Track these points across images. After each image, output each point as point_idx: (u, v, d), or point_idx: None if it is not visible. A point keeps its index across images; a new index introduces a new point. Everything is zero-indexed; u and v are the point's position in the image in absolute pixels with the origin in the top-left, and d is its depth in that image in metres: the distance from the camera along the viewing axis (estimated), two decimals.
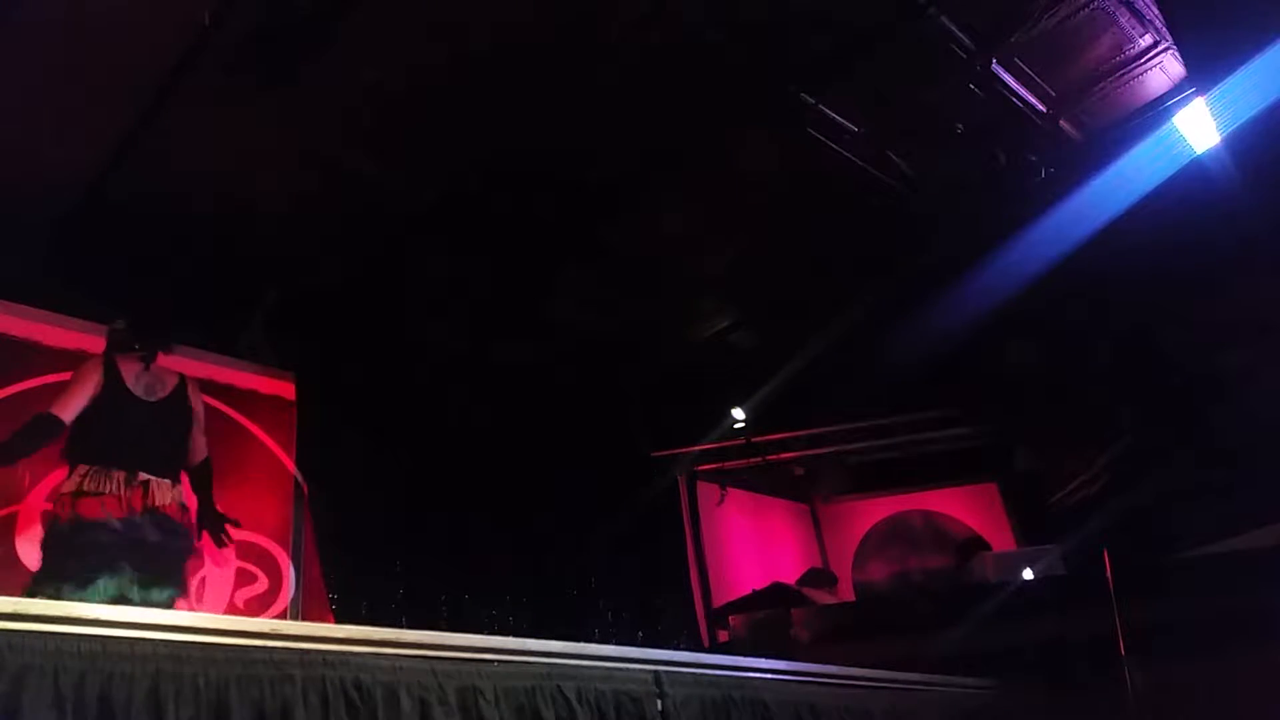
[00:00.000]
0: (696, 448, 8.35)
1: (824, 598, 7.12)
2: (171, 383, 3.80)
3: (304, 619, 5.54)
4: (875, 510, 9.12)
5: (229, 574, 5.53)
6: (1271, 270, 5.49)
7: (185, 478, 3.92)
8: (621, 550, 7.35)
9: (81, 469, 3.44)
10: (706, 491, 8.62)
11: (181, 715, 1.67)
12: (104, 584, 3.28)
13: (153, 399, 3.70)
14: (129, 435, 3.54)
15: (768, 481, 9.06)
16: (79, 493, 3.38)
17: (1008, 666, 4.46)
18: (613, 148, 5.57)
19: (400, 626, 2.16)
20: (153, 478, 3.52)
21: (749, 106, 5.39)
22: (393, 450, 6.26)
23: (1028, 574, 5.91)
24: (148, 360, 3.73)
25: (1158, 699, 4.26)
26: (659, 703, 2.54)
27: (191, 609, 3.52)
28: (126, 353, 3.74)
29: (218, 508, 4.03)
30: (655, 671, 2.61)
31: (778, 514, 9.28)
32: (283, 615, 5.57)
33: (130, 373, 3.67)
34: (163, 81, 4.61)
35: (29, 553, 4.86)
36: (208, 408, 5.70)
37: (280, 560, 5.72)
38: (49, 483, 5.00)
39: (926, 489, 8.99)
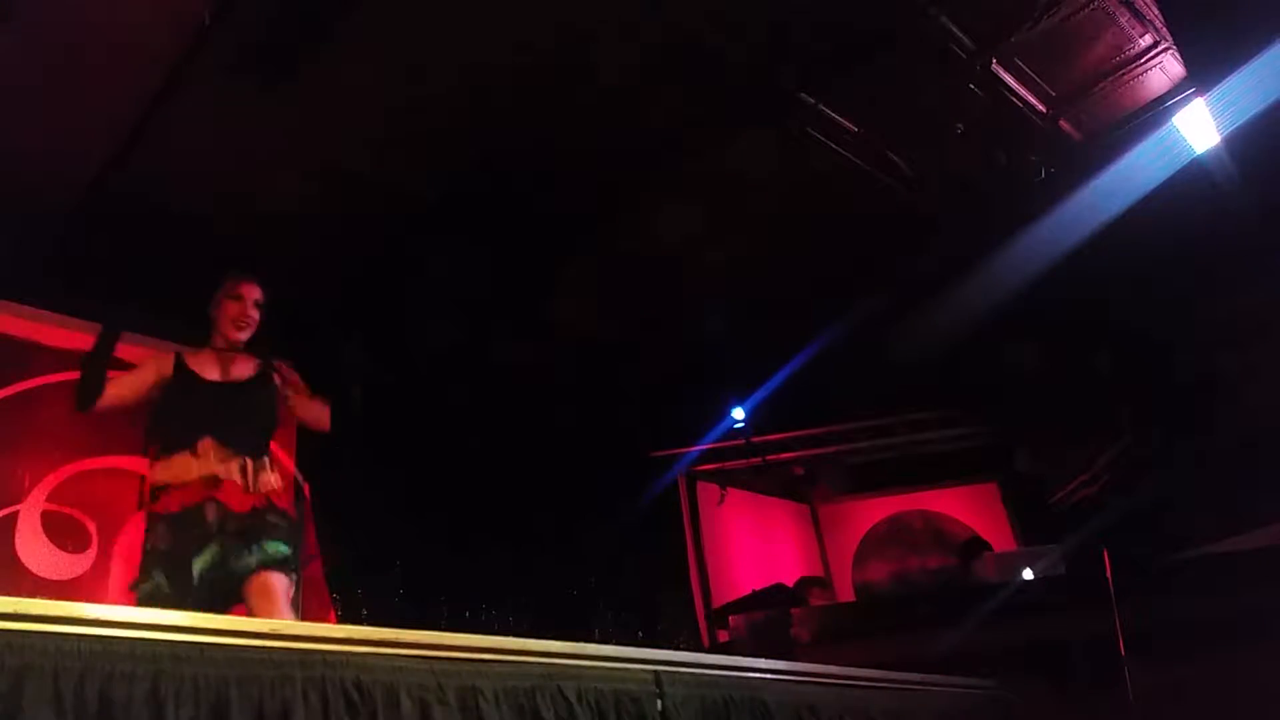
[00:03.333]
0: (696, 448, 8.35)
1: (819, 601, 7.12)
2: (255, 366, 3.74)
3: (304, 619, 5.54)
4: (875, 510, 9.12)
5: None
6: (1271, 270, 5.48)
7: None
8: (621, 550, 7.36)
9: (163, 458, 3.37)
10: (706, 491, 8.62)
11: (181, 715, 1.67)
12: (204, 559, 3.22)
13: (230, 380, 3.62)
14: (206, 415, 3.45)
15: (768, 481, 9.05)
16: (162, 486, 3.33)
17: (1008, 666, 4.46)
18: (613, 148, 5.57)
19: (400, 626, 2.16)
20: (238, 455, 3.42)
21: (749, 106, 5.39)
22: (393, 450, 6.26)
23: (1028, 574, 5.91)
24: (221, 349, 3.64)
25: (1158, 699, 4.26)
26: (659, 703, 2.54)
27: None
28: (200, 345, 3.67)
29: None
30: (655, 671, 2.61)
31: (778, 514, 9.28)
32: None
33: (203, 360, 3.61)
34: (163, 81, 4.61)
35: (29, 553, 4.87)
36: None
37: None
38: (49, 483, 5.01)
39: (926, 489, 8.98)
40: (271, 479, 3.49)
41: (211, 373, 3.59)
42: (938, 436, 8.56)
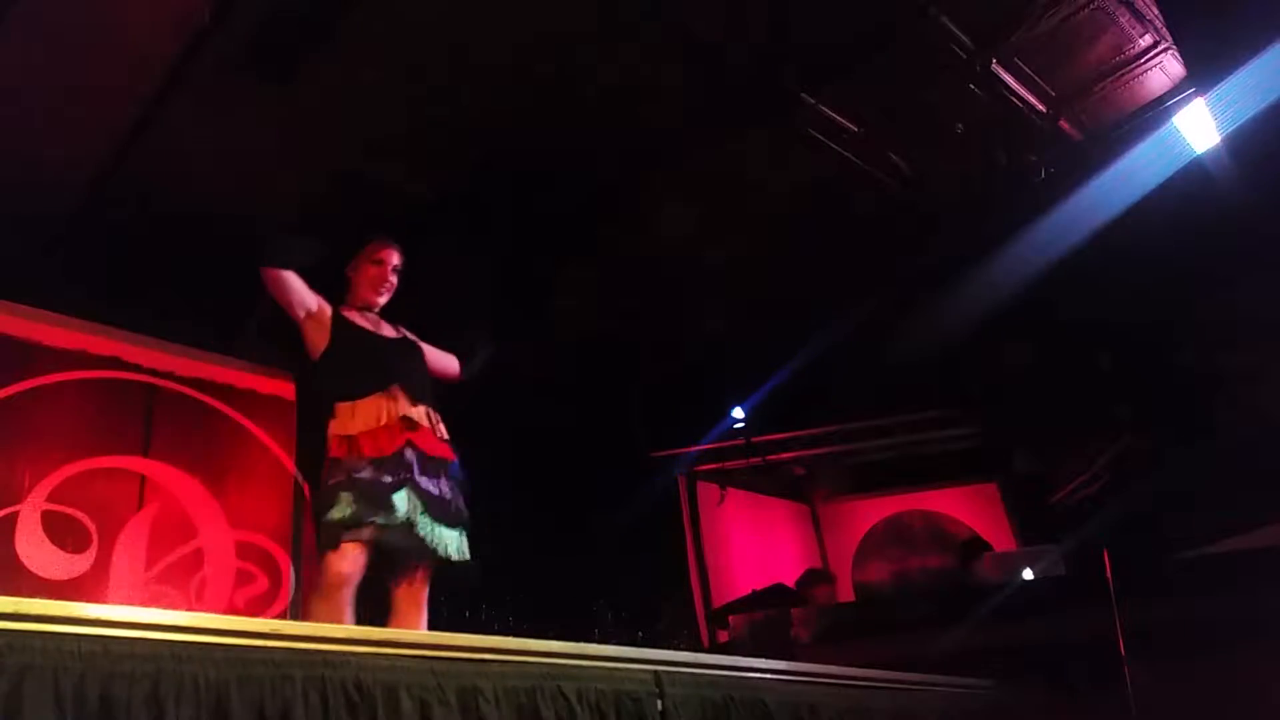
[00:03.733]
0: (696, 448, 8.35)
1: (823, 597, 7.13)
2: (394, 327, 3.72)
3: (304, 619, 5.53)
4: (875, 510, 9.12)
5: (229, 574, 5.54)
6: (1271, 270, 5.49)
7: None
8: (621, 550, 7.35)
9: (352, 404, 3.32)
10: (706, 491, 8.61)
11: (181, 715, 1.67)
12: (402, 498, 3.17)
13: (387, 335, 3.62)
14: (385, 362, 3.46)
15: (768, 481, 9.05)
16: (353, 436, 3.25)
17: (1008, 666, 4.46)
18: (613, 148, 5.57)
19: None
20: (421, 403, 3.41)
21: (749, 106, 5.39)
22: None
23: (1028, 574, 5.92)
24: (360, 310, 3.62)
25: (1158, 699, 4.26)
26: (659, 703, 2.54)
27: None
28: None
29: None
30: (655, 671, 2.61)
31: (778, 514, 9.28)
32: (283, 615, 5.57)
33: (354, 317, 3.58)
34: (163, 81, 4.61)
35: (29, 553, 4.86)
36: (206, 407, 5.73)
37: (280, 560, 5.72)
38: (49, 483, 5.00)
39: (926, 489, 8.98)
40: (444, 430, 3.48)
41: (366, 327, 3.56)
42: (938, 436, 8.55)
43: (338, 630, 2.09)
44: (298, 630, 1.97)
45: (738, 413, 8.09)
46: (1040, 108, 5.67)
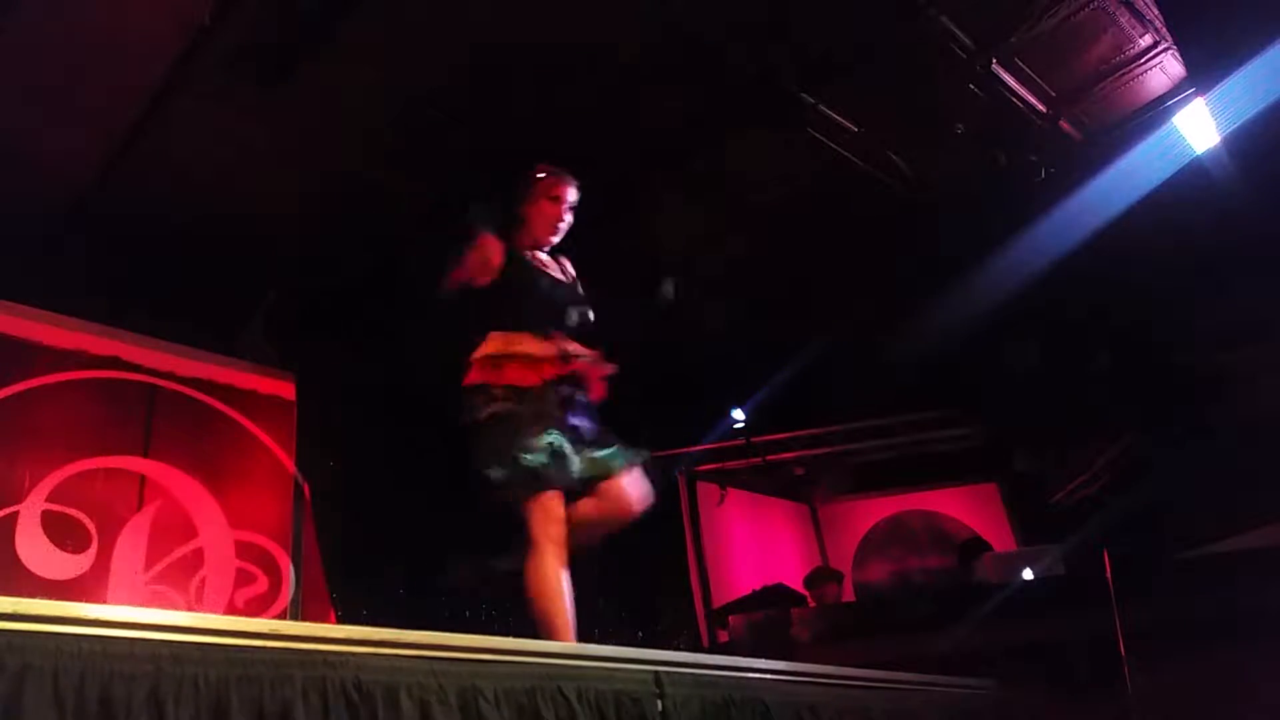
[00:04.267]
0: (696, 448, 8.34)
1: (832, 595, 7.13)
2: (562, 266, 3.65)
3: (304, 619, 5.54)
4: (875, 510, 9.12)
5: (229, 574, 5.54)
6: (1271, 270, 5.48)
7: None
8: (621, 550, 7.34)
9: (497, 336, 3.32)
10: (706, 491, 8.61)
11: (181, 715, 1.67)
12: (553, 439, 3.19)
13: (558, 276, 3.56)
14: (556, 306, 3.42)
15: (768, 481, 9.05)
16: (502, 356, 3.25)
17: (1008, 666, 4.46)
18: (613, 147, 5.57)
19: (400, 626, 2.16)
20: (570, 344, 3.39)
21: (749, 106, 5.39)
22: (394, 450, 6.26)
23: (1028, 574, 5.92)
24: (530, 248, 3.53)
25: (1158, 699, 4.26)
26: (659, 703, 2.54)
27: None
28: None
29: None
30: (655, 672, 2.61)
31: (778, 514, 9.28)
32: (283, 615, 5.57)
33: (526, 254, 3.49)
34: (163, 81, 4.61)
35: (29, 553, 4.87)
36: (206, 407, 5.74)
37: (280, 560, 5.73)
38: (49, 483, 5.01)
39: (926, 489, 8.98)
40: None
41: (541, 266, 3.48)
42: (938, 436, 8.55)
43: (338, 630, 2.09)
44: (297, 630, 1.97)
45: (738, 413, 8.08)
46: (1040, 108, 5.67)
